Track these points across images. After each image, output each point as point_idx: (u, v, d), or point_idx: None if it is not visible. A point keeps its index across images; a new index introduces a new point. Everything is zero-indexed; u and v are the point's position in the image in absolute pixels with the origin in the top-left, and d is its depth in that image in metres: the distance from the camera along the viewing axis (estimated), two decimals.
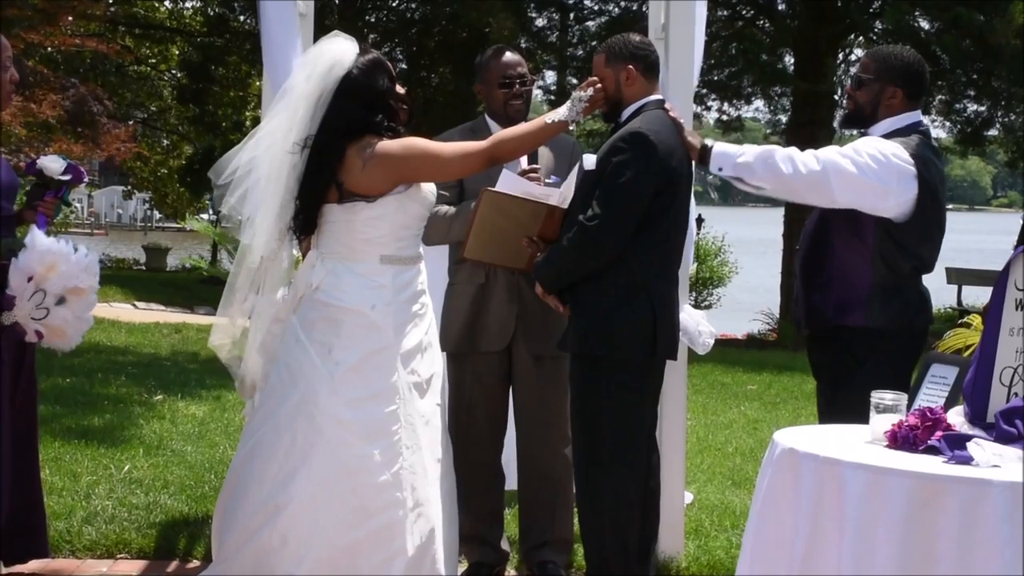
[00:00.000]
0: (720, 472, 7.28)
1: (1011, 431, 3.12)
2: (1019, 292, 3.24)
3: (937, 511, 2.89)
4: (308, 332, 4.07)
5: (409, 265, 4.15)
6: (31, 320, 4.32)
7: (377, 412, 4.00)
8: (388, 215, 4.08)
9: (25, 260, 4.29)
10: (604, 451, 4.32)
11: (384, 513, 3.96)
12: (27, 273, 4.27)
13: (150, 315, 15.89)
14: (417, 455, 4.03)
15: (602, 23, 18.79)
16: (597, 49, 4.56)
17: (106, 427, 7.80)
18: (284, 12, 5.20)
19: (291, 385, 4.05)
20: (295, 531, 3.94)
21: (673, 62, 5.17)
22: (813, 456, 3.11)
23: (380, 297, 4.06)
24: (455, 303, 4.91)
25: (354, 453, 3.97)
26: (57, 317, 4.36)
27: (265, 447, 4.05)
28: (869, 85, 4.43)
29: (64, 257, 4.34)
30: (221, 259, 25.33)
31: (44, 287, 4.29)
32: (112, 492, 6.05)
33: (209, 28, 21.94)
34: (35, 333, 4.36)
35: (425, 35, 20.43)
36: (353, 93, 4.06)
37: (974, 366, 3.26)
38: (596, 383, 4.31)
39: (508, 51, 5.01)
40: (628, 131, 4.30)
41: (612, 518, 4.33)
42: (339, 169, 4.05)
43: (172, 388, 9.46)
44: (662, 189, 4.27)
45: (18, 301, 4.26)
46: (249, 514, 4.01)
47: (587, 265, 4.28)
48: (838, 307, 4.38)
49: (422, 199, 4.16)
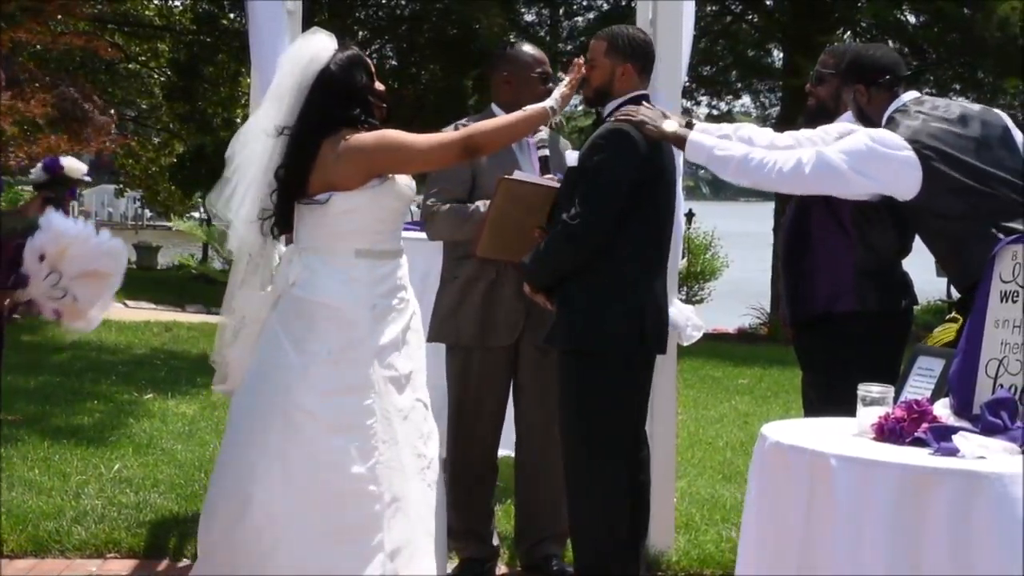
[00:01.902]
0: (711, 466, 7.29)
1: (997, 423, 3.13)
2: (1004, 284, 3.26)
3: (927, 503, 2.90)
4: (284, 326, 4.07)
5: (386, 259, 4.14)
6: (48, 300, 4.32)
7: (351, 405, 4.00)
8: (362, 208, 4.07)
9: (38, 240, 4.29)
10: (594, 446, 4.33)
11: (359, 508, 3.94)
12: (39, 252, 4.27)
13: (140, 313, 15.85)
14: (394, 450, 4.02)
15: (590, 19, 18.81)
16: (598, 33, 4.54)
17: (96, 426, 7.78)
18: (272, 9, 5.20)
19: (265, 379, 4.05)
20: (270, 525, 3.92)
21: (661, 57, 5.16)
22: (801, 449, 3.12)
23: (354, 291, 4.06)
24: (463, 298, 4.87)
25: (326, 446, 3.95)
26: (81, 296, 4.36)
27: (240, 441, 4.05)
28: (829, 80, 4.48)
29: (81, 240, 4.33)
30: (212, 258, 25.34)
31: (60, 269, 4.28)
32: (102, 491, 6.04)
33: (198, 26, 21.90)
34: (52, 312, 4.36)
35: (415, 32, 20.41)
36: (329, 88, 4.06)
37: (959, 358, 3.28)
38: (584, 378, 4.32)
39: (523, 46, 5.06)
40: (608, 127, 4.30)
41: (602, 512, 4.34)
42: (313, 162, 4.05)
43: (162, 387, 9.44)
44: (644, 183, 4.27)
45: (32, 280, 4.26)
46: (223, 509, 4.01)
47: (571, 262, 4.29)
48: (827, 294, 4.42)
49: (397, 193, 4.14)
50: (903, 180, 4.03)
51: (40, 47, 14.22)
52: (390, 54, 20.86)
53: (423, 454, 4.12)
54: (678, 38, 5.23)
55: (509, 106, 4.86)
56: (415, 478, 4.06)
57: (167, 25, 22.87)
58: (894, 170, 4.01)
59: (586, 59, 4.46)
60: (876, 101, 4.30)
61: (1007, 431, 3.12)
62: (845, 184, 4.07)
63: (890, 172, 4.01)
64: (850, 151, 4.04)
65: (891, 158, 4.01)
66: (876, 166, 4.02)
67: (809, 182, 4.09)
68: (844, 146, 4.07)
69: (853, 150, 4.04)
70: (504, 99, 4.90)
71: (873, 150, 4.02)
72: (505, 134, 4.29)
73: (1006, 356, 3.24)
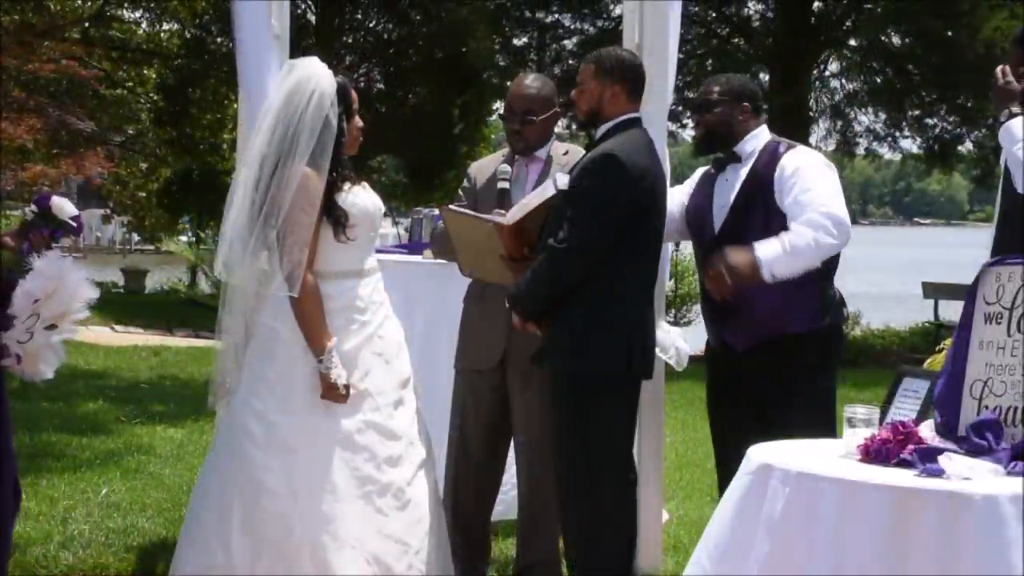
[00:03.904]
0: (699, 488, 7.29)
1: (982, 444, 3.15)
2: (988, 306, 3.28)
3: (913, 524, 2.91)
4: (250, 348, 4.22)
5: (340, 279, 4.20)
6: (16, 343, 4.29)
7: (283, 425, 4.09)
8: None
9: (32, 283, 4.26)
10: (585, 467, 4.34)
11: (278, 530, 4.04)
12: (33, 297, 4.25)
13: (128, 338, 15.81)
14: (322, 472, 4.07)
15: (576, 42, 18.87)
16: (586, 57, 4.57)
17: (83, 450, 7.77)
18: (259, 34, 5.21)
19: (230, 402, 4.27)
20: (218, 539, 4.08)
21: (648, 80, 5.18)
22: (786, 471, 3.13)
23: (287, 312, 4.13)
24: (462, 318, 4.98)
25: (256, 463, 4.07)
26: (35, 342, 4.33)
27: (202, 472, 4.30)
28: (721, 106, 4.62)
29: (65, 280, 4.33)
30: (199, 281, 25.29)
31: (40, 311, 4.26)
32: (89, 516, 6.03)
33: (186, 50, 21.91)
34: (15, 357, 4.33)
35: (403, 56, 20.45)
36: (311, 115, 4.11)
37: (944, 379, 3.29)
38: (573, 400, 4.33)
39: (527, 79, 4.99)
40: (600, 152, 4.32)
41: (595, 535, 4.34)
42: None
43: (150, 411, 9.42)
44: (634, 210, 4.29)
45: (16, 323, 4.23)
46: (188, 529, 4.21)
47: (558, 287, 4.30)
48: (777, 315, 4.43)
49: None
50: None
51: (25, 74, 14.22)
52: (377, 78, 20.89)
53: (371, 476, 4.14)
54: (664, 61, 5.26)
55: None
56: (349, 501, 4.09)
57: (155, 50, 22.87)
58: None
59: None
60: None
61: (992, 452, 3.13)
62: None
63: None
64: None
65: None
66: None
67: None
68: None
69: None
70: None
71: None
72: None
73: (991, 377, 3.25)
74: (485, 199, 4.83)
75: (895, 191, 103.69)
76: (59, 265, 4.32)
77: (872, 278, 31.01)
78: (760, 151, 4.55)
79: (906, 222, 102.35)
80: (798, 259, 4.32)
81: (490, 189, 4.84)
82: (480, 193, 4.90)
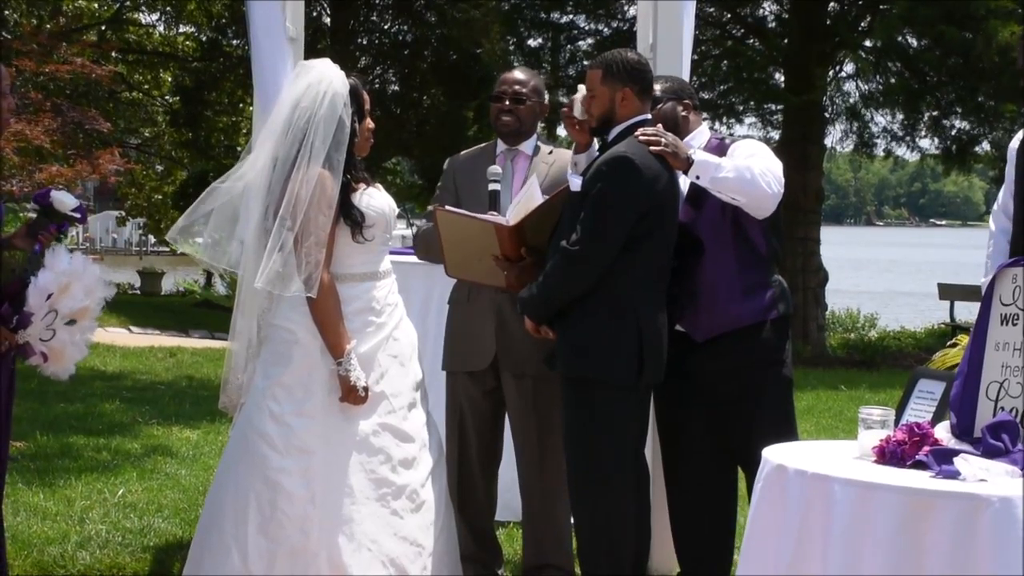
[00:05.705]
0: None
1: (998, 445, 3.14)
2: (1004, 307, 3.27)
3: (928, 526, 2.91)
4: (262, 351, 4.22)
5: (356, 282, 4.21)
6: (39, 341, 4.32)
7: (300, 428, 4.09)
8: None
9: (44, 279, 4.29)
10: (595, 470, 4.33)
11: (295, 532, 4.05)
12: (46, 292, 4.27)
13: (145, 339, 15.86)
14: (339, 474, 4.09)
15: (591, 44, 18.86)
16: (592, 63, 4.57)
17: (100, 451, 7.80)
18: (273, 36, 5.23)
19: (243, 407, 4.25)
20: (234, 542, 4.08)
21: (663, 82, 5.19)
22: (802, 472, 3.13)
23: (304, 315, 4.14)
24: (448, 321, 4.96)
25: (273, 465, 4.08)
26: (60, 339, 4.35)
27: (217, 477, 4.29)
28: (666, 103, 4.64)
29: (78, 276, 4.35)
30: (215, 283, 25.35)
31: (57, 307, 4.29)
32: (106, 516, 6.05)
33: (202, 53, 21.98)
34: (41, 355, 4.35)
35: (417, 57, 20.47)
36: (324, 119, 4.12)
37: (960, 380, 3.29)
38: (584, 403, 4.33)
39: (517, 70, 5.05)
40: (612, 155, 4.31)
41: (606, 537, 4.34)
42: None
43: (166, 412, 9.46)
44: (647, 213, 4.28)
45: (34, 320, 4.26)
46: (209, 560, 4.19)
47: (570, 291, 4.30)
48: (750, 304, 4.43)
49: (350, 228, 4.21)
50: None
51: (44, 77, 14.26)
52: (392, 79, 20.91)
53: (387, 479, 4.15)
54: (678, 62, 5.26)
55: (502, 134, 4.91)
56: (367, 503, 4.11)
57: (171, 52, 22.95)
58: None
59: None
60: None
61: (1008, 454, 3.12)
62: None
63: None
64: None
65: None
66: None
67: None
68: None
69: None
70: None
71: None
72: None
73: (1007, 379, 3.25)
74: (469, 199, 4.79)
75: (911, 192, 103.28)
76: (71, 260, 4.34)
77: (887, 279, 30.97)
78: (705, 147, 4.54)
79: (922, 223, 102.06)
80: (727, 177, 4.27)
81: (475, 189, 4.80)
82: (462, 192, 4.86)
